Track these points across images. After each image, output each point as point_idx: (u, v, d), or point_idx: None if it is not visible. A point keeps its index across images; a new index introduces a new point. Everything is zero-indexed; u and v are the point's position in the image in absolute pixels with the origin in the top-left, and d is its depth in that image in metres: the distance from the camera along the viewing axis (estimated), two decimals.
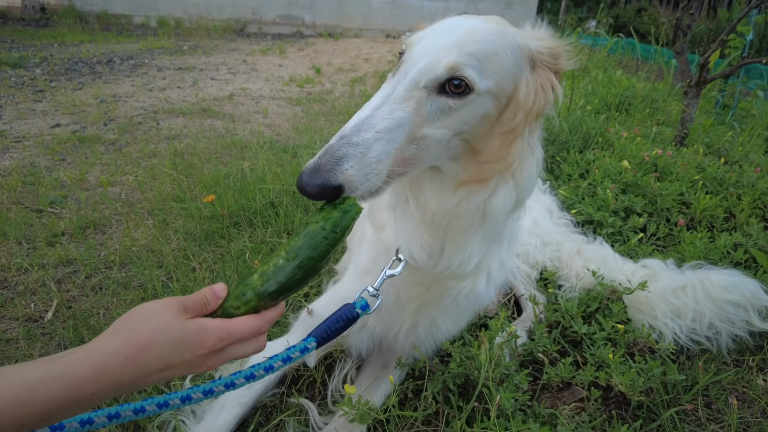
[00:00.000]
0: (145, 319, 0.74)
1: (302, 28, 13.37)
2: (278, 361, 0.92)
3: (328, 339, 1.02)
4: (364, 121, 0.86)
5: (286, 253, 0.87)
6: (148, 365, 0.71)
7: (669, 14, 7.29)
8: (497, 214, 1.06)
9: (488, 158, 1.01)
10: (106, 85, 5.42)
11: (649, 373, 1.38)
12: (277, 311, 0.88)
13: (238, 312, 0.83)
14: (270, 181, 2.61)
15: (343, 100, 5.27)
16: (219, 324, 0.79)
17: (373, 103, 0.90)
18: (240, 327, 0.80)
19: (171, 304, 0.77)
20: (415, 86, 0.90)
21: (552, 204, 2.32)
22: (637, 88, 4.73)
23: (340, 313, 1.03)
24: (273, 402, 1.41)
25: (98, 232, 2.31)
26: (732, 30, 3.34)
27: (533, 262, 2.02)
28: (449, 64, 0.89)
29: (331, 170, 0.81)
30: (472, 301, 1.32)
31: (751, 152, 3.39)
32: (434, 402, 1.35)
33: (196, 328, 0.76)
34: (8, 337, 1.62)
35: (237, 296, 0.84)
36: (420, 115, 0.90)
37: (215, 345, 0.77)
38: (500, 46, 0.95)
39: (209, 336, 0.77)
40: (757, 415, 1.45)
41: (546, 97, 1.01)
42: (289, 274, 0.86)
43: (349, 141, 0.84)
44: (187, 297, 0.81)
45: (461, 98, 0.92)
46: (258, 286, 0.84)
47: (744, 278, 1.67)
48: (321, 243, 0.88)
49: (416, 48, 0.94)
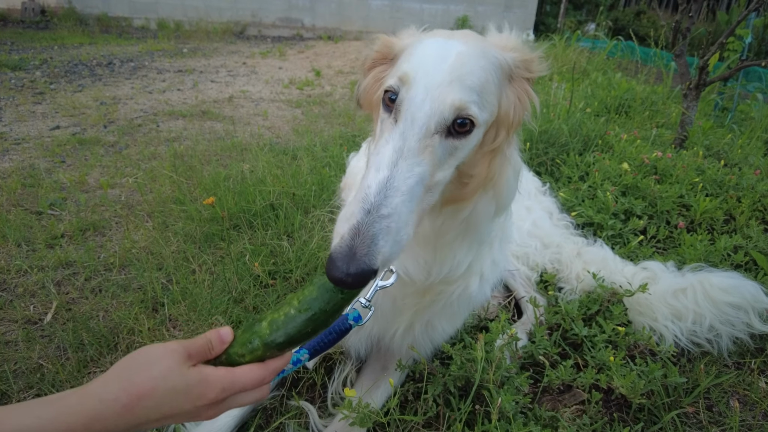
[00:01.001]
0: (147, 364, 0.71)
1: (302, 30, 13.39)
2: None
3: (321, 351, 1.03)
4: (386, 184, 0.80)
5: (299, 303, 0.84)
6: (145, 415, 0.68)
7: (668, 17, 7.33)
8: (480, 223, 1.09)
9: (473, 179, 1.01)
10: (106, 87, 5.43)
11: (649, 376, 1.38)
12: (282, 361, 0.85)
13: (243, 360, 0.81)
14: (270, 183, 2.60)
15: (342, 103, 5.27)
16: (223, 375, 0.76)
17: (386, 160, 0.83)
18: (244, 377, 0.78)
19: (174, 350, 0.74)
20: (427, 133, 0.85)
21: (552, 206, 2.32)
22: (637, 91, 4.73)
23: (333, 325, 1.03)
24: (273, 404, 1.40)
25: (98, 234, 2.30)
26: (731, 33, 3.34)
27: (533, 264, 2.01)
28: (455, 103, 0.86)
29: (369, 254, 0.73)
30: (465, 301, 1.33)
31: (750, 155, 3.39)
32: (435, 404, 1.34)
33: (199, 378, 0.74)
34: (7, 340, 1.61)
35: (243, 343, 0.82)
36: (434, 164, 0.86)
37: (217, 396, 0.75)
38: (489, 71, 0.93)
39: (212, 387, 0.74)
40: (759, 417, 1.44)
41: (524, 108, 1.01)
42: (299, 326, 0.83)
43: (379, 214, 0.77)
44: (191, 341, 0.78)
45: (466, 137, 0.90)
46: (266, 336, 0.82)
47: (744, 281, 1.67)
48: (335, 296, 0.84)
49: (413, 88, 0.88)
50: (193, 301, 1.76)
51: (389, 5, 13.57)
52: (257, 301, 1.81)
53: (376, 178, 0.81)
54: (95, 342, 1.58)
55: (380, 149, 0.86)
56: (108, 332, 1.62)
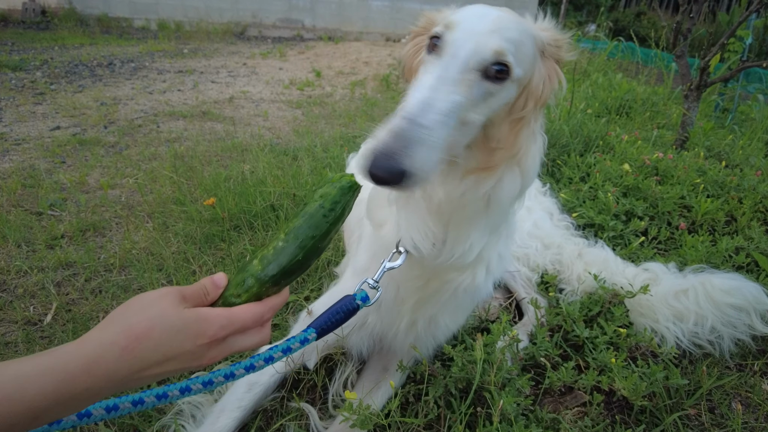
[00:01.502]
0: (142, 308, 0.71)
1: (302, 31, 13.39)
2: (278, 352, 0.91)
3: (328, 330, 1.01)
4: (426, 101, 0.83)
5: (286, 235, 0.85)
6: (146, 357, 0.67)
7: (668, 18, 7.33)
8: (503, 201, 1.07)
9: (499, 145, 1.03)
10: (106, 87, 5.43)
11: (651, 378, 1.37)
12: (281, 298, 0.85)
13: (240, 300, 0.81)
14: (270, 184, 2.60)
15: (343, 104, 5.27)
16: (220, 312, 0.76)
17: (428, 84, 0.86)
18: (242, 315, 0.78)
19: (169, 292, 0.74)
20: (467, 68, 0.89)
21: (552, 206, 2.31)
22: (638, 92, 4.73)
23: (341, 305, 1.03)
24: (273, 406, 1.40)
25: (98, 234, 2.30)
26: (732, 34, 3.34)
27: (534, 265, 2.01)
28: (495, 47, 0.90)
29: (402, 154, 0.76)
30: (470, 295, 1.32)
31: (751, 156, 3.39)
32: (436, 406, 1.34)
33: (196, 316, 0.73)
34: (7, 341, 1.61)
35: (237, 284, 0.82)
36: (469, 100, 0.89)
37: (216, 334, 0.74)
38: (526, 35, 0.98)
39: (210, 325, 0.74)
40: (761, 420, 1.44)
41: (552, 86, 1.05)
42: (290, 255, 0.83)
43: (417, 123, 0.79)
44: (185, 287, 0.78)
45: (500, 83, 0.93)
46: (258, 271, 0.82)
47: (746, 282, 1.66)
48: (321, 222, 0.86)
49: (457, 30, 0.93)
50: None
51: (389, 6, 13.58)
52: None
53: (417, 96, 0.84)
54: None
55: (421, 78, 0.90)
56: None
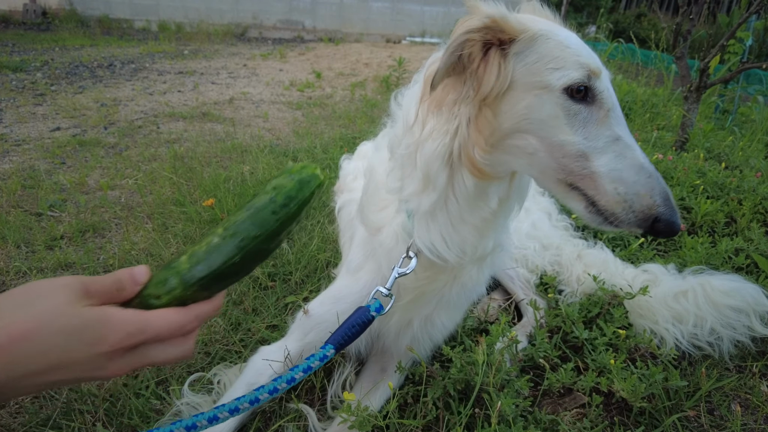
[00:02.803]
0: (30, 300, 0.57)
1: (303, 32, 13.41)
2: (299, 372, 0.90)
3: (346, 344, 1.02)
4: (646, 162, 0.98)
5: (224, 230, 0.71)
6: (28, 363, 0.54)
7: (668, 19, 7.32)
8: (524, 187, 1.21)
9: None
10: (106, 89, 5.43)
11: (650, 379, 1.37)
12: (211, 306, 0.70)
13: (159, 302, 0.66)
14: None
15: (343, 105, 5.27)
16: (129, 317, 0.61)
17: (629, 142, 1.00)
18: (157, 322, 0.63)
19: (68, 284, 0.60)
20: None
21: (551, 207, 2.31)
22: (638, 93, 4.73)
23: (356, 318, 1.04)
24: (272, 407, 1.40)
25: (97, 235, 2.30)
26: (732, 35, 3.34)
27: (532, 266, 2.01)
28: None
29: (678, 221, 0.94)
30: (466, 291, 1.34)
31: (751, 157, 3.39)
32: (434, 408, 1.33)
33: (99, 318, 0.59)
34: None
35: (159, 282, 0.67)
36: None
37: (121, 342, 0.59)
38: None
39: (114, 330, 0.59)
40: (761, 421, 1.44)
41: None
42: (225, 255, 0.69)
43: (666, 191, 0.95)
44: (93, 278, 0.63)
45: None
46: (185, 270, 0.68)
47: (745, 283, 1.66)
48: (269, 219, 0.71)
49: (603, 78, 0.99)
50: None
51: (390, 7, 13.60)
52: (256, 303, 1.80)
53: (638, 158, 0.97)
54: None
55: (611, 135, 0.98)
56: None
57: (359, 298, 1.30)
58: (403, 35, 13.60)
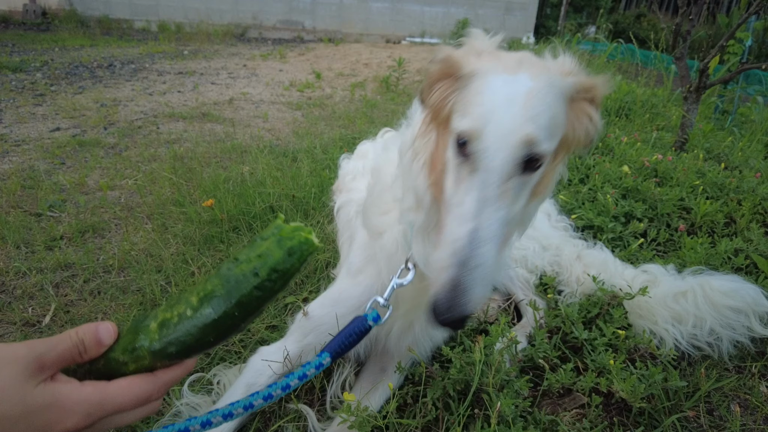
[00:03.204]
0: None
1: (303, 33, 13.41)
2: (294, 379, 0.91)
3: (342, 353, 1.03)
4: (474, 234, 0.86)
5: (199, 300, 0.65)
6: None
7: (668, 20, 7.32)
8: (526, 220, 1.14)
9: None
10: (106, 89, 5.43)
11: (650, 380, 1.37)
12: (181, 370, 0.66)
13: (126, 369, 0.62)
14: (270, 185, 2.60)
15: (343, 105, 5.27)
16: (87, 395, 0.56)
17: (470, 210, 0.88)
18: (120, 396, 0.58)
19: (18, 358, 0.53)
20: (504, 179, 0.90)
21: (550, 207, 2.31)
22: (637, 94, 4.73)
23: (353, 327, 1.05)
24: (271, 407, 1.40)
25: (97, 236, 2.30)
26: (731, 36, 3.35)
27: (532, 267, 2.01)
28: (526, 144, 0.88)
29: (464, 304, 0.83)
30: None
31: (750, 157, 3.39)
32: (434, 408, 1.33)
33: (49, 401, 0.53)
34: (5, 342, 1.60)
35: (126, 347, 0.63)
36: (511, 203, 0.93)
37: (78, 424, 0.54)
38: (555, 102, 0.94)
39: (68, 413, 0.54)
40: (760, 422, 1.44)
41: (583, 129, 1.02)
42: (197, 332, 0.63)
43: (469, 265, 0.84)
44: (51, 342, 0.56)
45: (537, 170, 0.94)
46: (154, 341, 0.63)
47: (745, 284, 1.66)
48: (249, 294, 0.64)
49: (486, 138, 0.89)
50: None
51: (390, 8, 13.61)
52: None
53: (464, 229, 0.87)
54: None
55: (462, 199, 0.91)
56: None
57: (359, 302, 1.31)
58: (402, 36, 13.61)
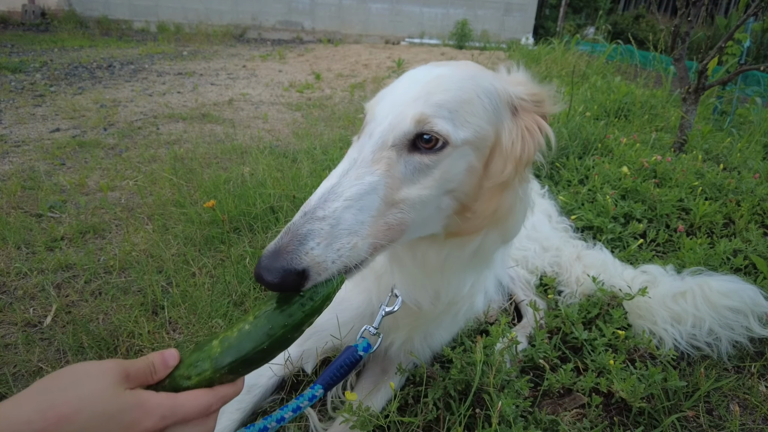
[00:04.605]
0: (75, 383, 0.60)
1: (302, 34, 13.42)
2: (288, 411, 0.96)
3: (335, 383, 1.06)
4: (331, 190, 0.78)
5: (255, 318, 0.76)
6: None
7: (667, 21, 7.34)
8: (487, 253, 1.08)
9: (479, 214, 0.97)
10: (106, 90, 5.43)
11: (650, 380, 1.38)
12: (234, 389, 0.75)
13: (189, 383, 0.72)
14: (270, 186, 2.61)
15: (342, 106, 5.28)
16: (162, 400, 0.66)
17: (338, 170, 0.83)
18: (187, 405, 0.68)
19: (111, 368, 0.64)
20: (383, 146, 0.84)
21: (551, 208, 2.32)
22: (636, 95, 4.75)
23: (344, 358, 1.07)
24: (273, 408, 1.40)
25: (98, 236, 2.30)
26: (730, 37, 3.36)
27: (532, 268, 2.02)
28: (416, 117, 0.84)
29: (294, 252, 0.71)
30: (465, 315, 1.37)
31: (749, 158, 3.40)
32: (435, 408, 1.34)
33: (135, 402, 0.63)
34: (7, 342, 1.61)
35: (190, 364, 0.73)
36: (394, 177, 0.84)
37: (155, 426, 0.64)
38: (473, 92, 0.91)
39: (149, 414, 0.64)
40: (759, 422, 1.44)
41: (534, 142, 0.96)
42: (255, 341, 0.74)
43: (313, 216, 0.75)
44: (131, 362, 0.68)
45: (437, 153, 0.86)
46: (216, 354, 0.73)
47: (743, 284, 1.67)
48: (296, 311, 0.76)
49: (380, 106, 0.88)
50: (193, 304, 1.76)
51: (389, 9, 13.62)
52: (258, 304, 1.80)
53: (323, 186, 0.81)
54: (95, 345, 1.57)
55: (337, 166, 0.85)
56: (108, 335, 1.62)
57: (360, 309, 1.31)
58: (402, 36, 13.62)
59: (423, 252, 1.06)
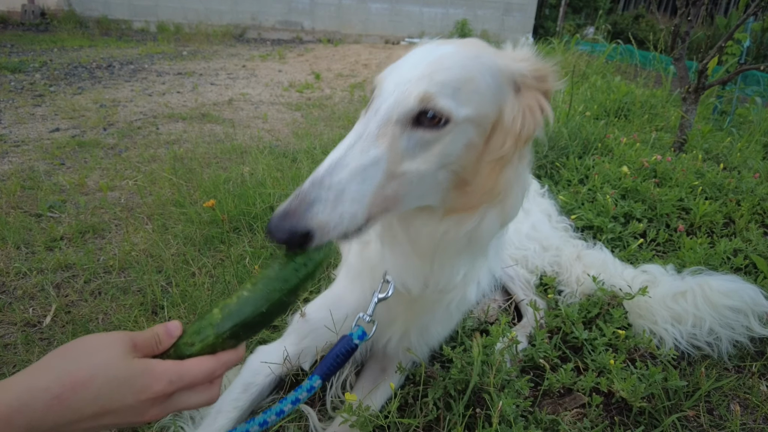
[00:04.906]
0: (87, 353, 0.65)
1: (302, 33, 13.42)
2: (288, 404, 0.95)
3: (332, 374, 1.06)
4: (337, 161, 0.83)
5: (252, 285, 0.81)
6: (81, 408, 0.61)
7: (667, 21, 7.36)
8: (484, 237, 1.06)
9: (475, 189, 0.98)
10: (105, 89, 5.43)
11: (650, 379, 1.38)
12: (236, 355, 0.79)
13: (192, 350, 0.76)
14: (270, 186, 2.61)
15: (342, 106, 5.28)
16: (169, 366, 0.71)
17: (345, 143, 0.87)
18: (193, 370, 0.72)
19: (119, 339, 0.69)
20: (387, 122, 0.87)
21: (551, 208, 2.32)
22: (636, 95, 4.74)
23: (340, 348, 1.06)
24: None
25: (97, 236, 2.30)
26: (730, 37, 3.36)
27: (532, 267, 2.01)
28: (420, 95, 0.86)
29: (302, 215, 0.78)
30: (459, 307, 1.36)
31: (749, 158, 3.40)
32: (435, 408, 1.34)
33: (144, 368, 0.68)
34: (6, 342, 1.61)
35: (193, 332, 0.77)
36: (396, 152, 0.87)
37: (164, 390, 0.68)
38: (476, 70, 0.92)
39: (157, 379, 0.68)
40: (759, 421, 1.44)
41: (535, 120, 0.98)
42: (254, 306, 0.78)
43: (321, 184, 0.81)
44: (137, 333, 0.73)
45: (439, 129, 0.89)
46: (218, 321, 0.77)
47: (744, 284, 1.67)
48: (292, 276, 0.81)
49: (386, 83, 0.92)
50: (193, 303, 1.76)
51: (389, 9, 13.62)
52: None
53: (331, 157, 0.85)
54: None
55: (344, 139, 0.89)
56: None
57: (356, 306, 1.31)
58: (401, 36, 13.62)
59: (417, 229, 1.05)
